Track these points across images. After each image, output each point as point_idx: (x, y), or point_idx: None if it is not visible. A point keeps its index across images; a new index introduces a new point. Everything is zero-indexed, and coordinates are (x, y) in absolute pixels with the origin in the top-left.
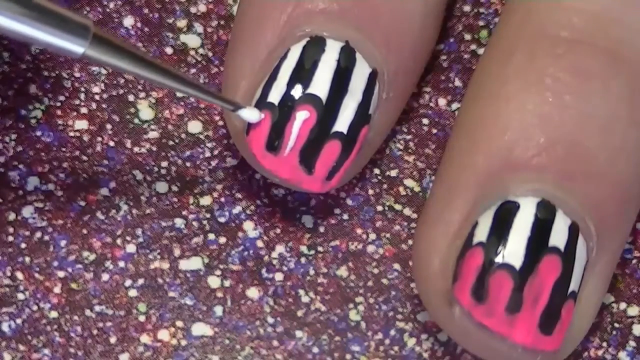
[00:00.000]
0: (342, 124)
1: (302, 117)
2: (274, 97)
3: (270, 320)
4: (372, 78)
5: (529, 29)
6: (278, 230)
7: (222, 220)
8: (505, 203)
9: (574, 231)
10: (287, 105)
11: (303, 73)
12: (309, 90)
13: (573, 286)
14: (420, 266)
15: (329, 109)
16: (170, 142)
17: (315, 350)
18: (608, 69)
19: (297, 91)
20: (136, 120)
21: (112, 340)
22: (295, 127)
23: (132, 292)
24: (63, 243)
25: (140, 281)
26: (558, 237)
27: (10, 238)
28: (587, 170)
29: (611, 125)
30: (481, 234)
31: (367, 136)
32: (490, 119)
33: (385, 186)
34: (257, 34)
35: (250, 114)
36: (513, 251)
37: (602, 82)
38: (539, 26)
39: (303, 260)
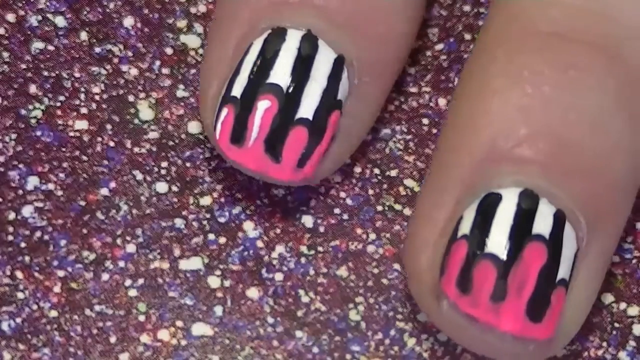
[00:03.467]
0: (306, 110)
1: (263, 107)
2: (237, 90)
3: (270, 320)
4: (338, 64)
5: (511, 25)
6: (278, 230)
7: (222, 220)
8: (488, 195)
9: (559, 219)
10: (249, 97)
11: (264, 64)
12: (270, 80)
13: (562, 274)
14: (411, 264)
15: (290, 97)
16: (170, 143)
17: (315, 350)
18: (590, 61)
19: (258, 82)
20: (136, 121)
21: (112, 339)
22: (257, 117)
23: (132, 292)
24: (63, 242)
25: (140, 281)
26: (542, 225)
27: (10, 237)
28: (571, 159)
29: (595, 115)
30: (465, 227)
31: (341, 122)
32: (474, 117)
33: (385, 186)
34: (225, 32)
35: None
36: (496, 241)
37: (584, 73)
38: (522, 22)
39: (303, 260)
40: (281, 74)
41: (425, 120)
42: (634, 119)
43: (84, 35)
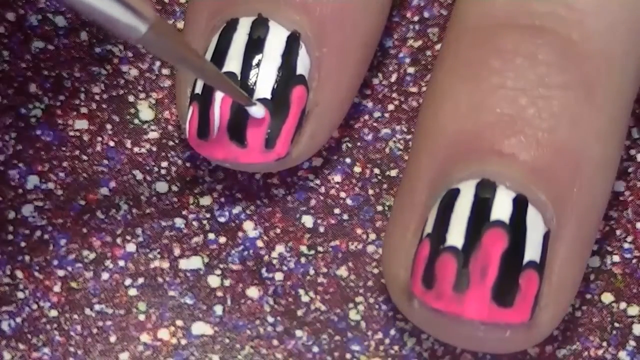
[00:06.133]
0: (263, 90)
1: (220, 96)
2: (199, 88)
3: (270, 319)
4: (292, 40)
5: (456, 26)
6: (278, 230)
7: (222, 220)
8: (447, 192)
9: (520, 203)
10: (208, 91)
11: (218, 56)
12: (224, 69)
13: (530, 256)
14: (386, 269)
15: (245, 80)
16: (171, 143)
17: (315, 349)
18: (532, 42)
19: None
20: (136, 121)
21: (112, 339)
22: (216, 108)
23: (132, 291)
24: (63, 242)
25: (140, 280)
26: (500, 210)
27: (10, 237)
28: (525, 141)
29: (545, 93)
30: (428, 226)
31: (312, 97)
32: (430, 122)
33: (385, 186)
34: (191, 42)
35: (256, 111)
36: (454, 233)
37: (528, 55)
38: (465, 21)
39: (303, 260)
40: (234, 62)
41: None
42: (593, 96)
43: (84, 35)
